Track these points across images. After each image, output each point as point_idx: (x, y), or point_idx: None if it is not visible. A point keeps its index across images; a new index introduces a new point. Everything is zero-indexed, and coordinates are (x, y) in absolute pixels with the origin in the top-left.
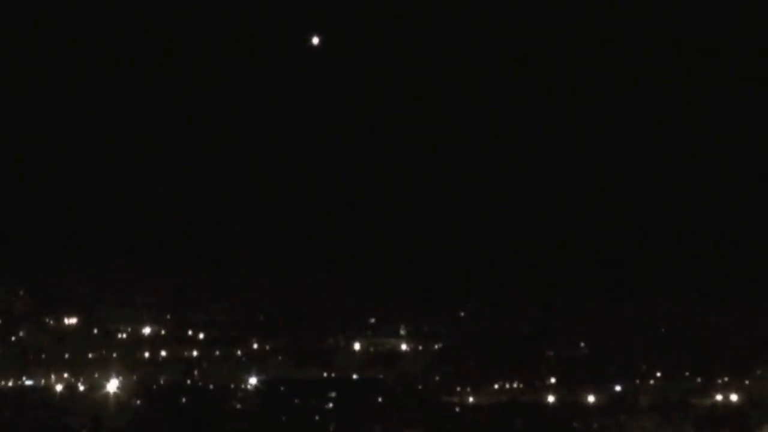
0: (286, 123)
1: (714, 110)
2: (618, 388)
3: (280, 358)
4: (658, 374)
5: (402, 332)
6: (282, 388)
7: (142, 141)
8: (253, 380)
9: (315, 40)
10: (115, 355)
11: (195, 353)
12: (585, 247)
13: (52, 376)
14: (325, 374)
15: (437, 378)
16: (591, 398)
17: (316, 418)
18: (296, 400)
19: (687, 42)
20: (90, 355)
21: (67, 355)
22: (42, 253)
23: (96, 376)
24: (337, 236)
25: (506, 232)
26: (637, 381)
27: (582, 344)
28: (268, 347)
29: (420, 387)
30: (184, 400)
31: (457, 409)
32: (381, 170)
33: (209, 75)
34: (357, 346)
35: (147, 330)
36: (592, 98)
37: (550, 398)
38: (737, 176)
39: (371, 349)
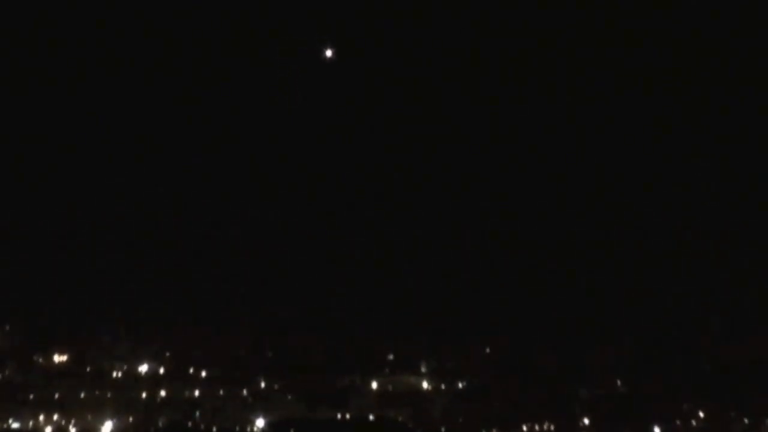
0: (286, 124)
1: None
2: (657, 430)
3: (289, 397)
4: (701, 414)
5: (423, 369)
6: (292, 431)
7: (141, 142)
8: (260, 422)
9: (328, 53)
10: (109, 395)
11: (197, 393)
12: (623, 279)
13: (41, 418)
14: (339, 415)
15: (461, 419)
16: None
17: None
18: None
19: (687, 42)
20: (82, 395)
21: (57, 396)
22: (29, 284)
23: (89, 418)
24: (353, 264)
25: (536, 262)
26: (678, 422)
27: (618, 382)
28: (276, 386)
29: (443, 429)
30: None
31: None
32: (403, 188)
33: (209, 75)
34: (374, 385)
35: (144, 368)
36: (592, 98)
37: None
38: None
39: (389, 388)
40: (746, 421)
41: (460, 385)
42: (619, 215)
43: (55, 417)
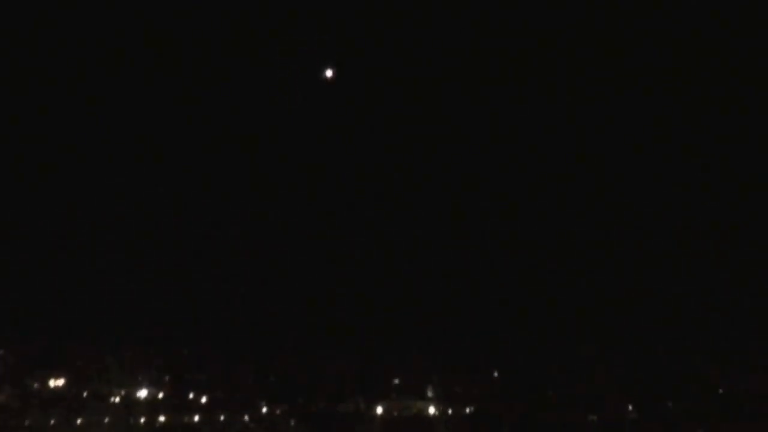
0: (286, 124)
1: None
2: None
3: (292, 423)
4: None
5: (429, 394)
6: None
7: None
8: None
9: (328, 73)
10: (107, 420)
11: (196, 419)
12: (635, 302)
13: None
14: None
15: None
16: None
17: None
18: None
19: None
20: (79, 421)
21: (53, 421)
22: (24, 307)
23: None
24: (357, 285)
25: (545, 284)
26: None
27: (630, 407)
28: (278, 411)
29: None
30: None
31: None
32: (408, 205)
33: (209, 75)
34: (379, 410)
35: (143, 393)
36: (592, 98)
37: None
38: None
39: (395, 413)
40: None
41: (468, 411)
42: (638, 229)
43: None
